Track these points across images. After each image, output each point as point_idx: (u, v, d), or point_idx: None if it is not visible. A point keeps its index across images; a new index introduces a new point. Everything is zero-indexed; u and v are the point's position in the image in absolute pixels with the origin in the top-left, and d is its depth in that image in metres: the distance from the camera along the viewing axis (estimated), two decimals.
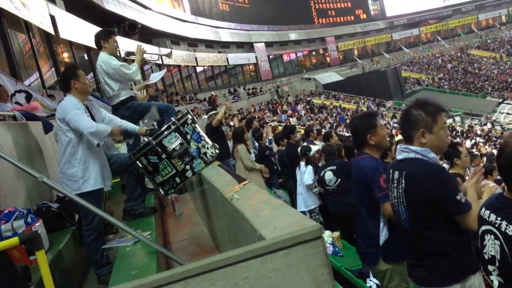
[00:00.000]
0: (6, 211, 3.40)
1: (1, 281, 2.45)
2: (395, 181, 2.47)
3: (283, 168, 7.78)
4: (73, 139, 3.52)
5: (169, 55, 5.88)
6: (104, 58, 4.55)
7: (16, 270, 2.68)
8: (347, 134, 16.29)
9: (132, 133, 4.02)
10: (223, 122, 8.02)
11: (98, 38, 4.68)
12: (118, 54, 5.06)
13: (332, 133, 8.54)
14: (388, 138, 3.61)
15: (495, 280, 1.96)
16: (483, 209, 2.05)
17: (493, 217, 1.96)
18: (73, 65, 4.27)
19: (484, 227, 2.01)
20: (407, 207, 2.41)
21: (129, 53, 5.25)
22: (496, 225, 1.93)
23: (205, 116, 8.32)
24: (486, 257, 1.99)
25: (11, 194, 3.88)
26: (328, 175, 5.97)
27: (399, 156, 2.48)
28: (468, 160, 4.73)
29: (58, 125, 3.59)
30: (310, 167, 6.49)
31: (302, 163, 6.62)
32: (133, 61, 4.90)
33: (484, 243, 2.01)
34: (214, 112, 7.92)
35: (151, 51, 5.51)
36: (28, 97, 6.69)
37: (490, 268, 1.98)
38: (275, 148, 8.32)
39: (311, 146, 6.88)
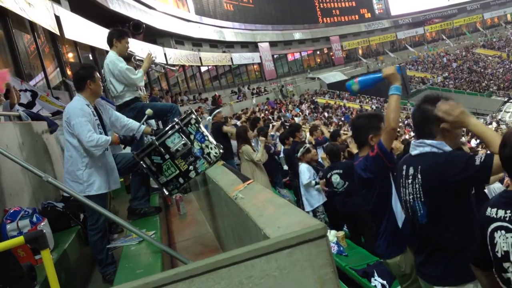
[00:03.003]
0: (11, 211, 3.42)
1: (7, 280, 2.47)
2: (410, 177, 2.42)
3: (290, 167, 7.78)
4: (80, 142, 3.52)
5: (175, 70, 5.99)
6: (112, 58, 4.58)
7: (22, 269, 2.69)
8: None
9: (131, 140, 3.96)
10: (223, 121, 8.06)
11: (111, 36, 4.71)
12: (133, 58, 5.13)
13: (340, 132, 8.47)
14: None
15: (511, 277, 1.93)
16: (489, 208, 2.02)
17: (501, 212, 1.95)
18: (91, 66, 4.29)
19: (493, 226, 1.99)
20: (425, 202, 2.36)
21: (137, 59, 5.31)
22: (507, 219, 1.91)
23: (210, 117, 8.32)
24: (498, 255, 1.97)
25: (16, 194, 3.89)
26: (335, 178, 5.89)
27: (414, 152, 2.43)
28: None
29: (65, 127, 3.59)
30: (303, 166, 6.39)
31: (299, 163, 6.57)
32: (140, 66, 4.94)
33: (495, 241, 1.98)
34: (218, 111, 7.93)
35: (158, 62, 5.58)
36: (34, 96, 6.70)
37: (505, 265, 1.95)
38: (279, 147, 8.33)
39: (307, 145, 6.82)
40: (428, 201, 2.36)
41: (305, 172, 6.31)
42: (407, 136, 17.30)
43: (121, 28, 5.65)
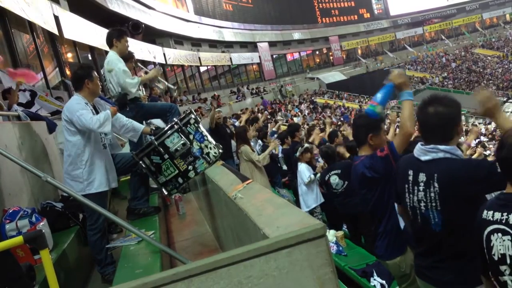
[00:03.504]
0: (10, 211, 3.42)
1: (6, 280, 2.46)
2: (422, 184, 2.32)
3: (288, 167, 7.77)
4: (80, 140, 3.53)
5: (174, 90, 5.97)
6: (112, 57, 4.58)
7: (21, 269, 2.69)
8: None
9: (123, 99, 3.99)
10: (221, 121, 8.07)
11: (111, 36, 4.70)
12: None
13: (338, 132, 8.39)
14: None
15: (508, 280, 1.92)
16: (485, 211, 2.01)
17: (497, 215, 1.93)
18: (89, 66, 4.29)
19: (489, 229, 1.97)
20: (441, 210, 2.27)
21: (145, 71, 5.34)
22: (503, 221, 1.90)
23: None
24: (495, 258, 1.95)
25: (15, 194, 3.89)
26: (334, 179, 5.85)
27: (424, 157, 2.31)
28: None
29: (64, 126, 3.59)
30: (302, 166, 6.37)
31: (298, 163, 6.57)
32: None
33: (491, 244, 1.96)
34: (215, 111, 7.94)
35: (163, 81, 5.59)
36: (33, 95, 6.70)
37: (502, 268, 1.93)
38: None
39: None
40: (445, 210, 2.27)
41: (305, 171, 6.30)
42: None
43: (120, 27, 5.63)
